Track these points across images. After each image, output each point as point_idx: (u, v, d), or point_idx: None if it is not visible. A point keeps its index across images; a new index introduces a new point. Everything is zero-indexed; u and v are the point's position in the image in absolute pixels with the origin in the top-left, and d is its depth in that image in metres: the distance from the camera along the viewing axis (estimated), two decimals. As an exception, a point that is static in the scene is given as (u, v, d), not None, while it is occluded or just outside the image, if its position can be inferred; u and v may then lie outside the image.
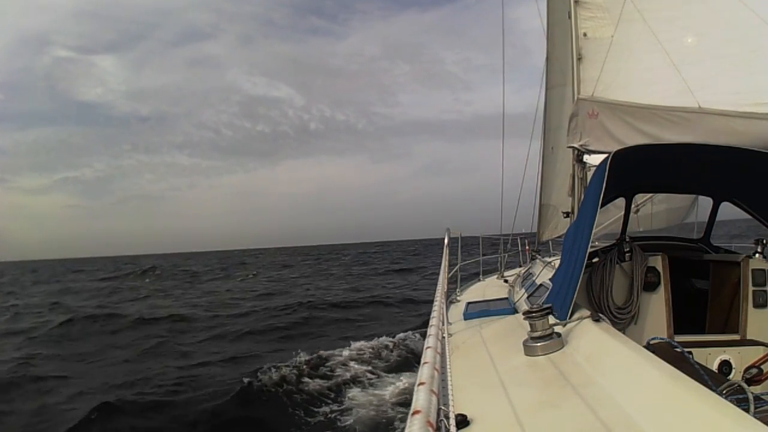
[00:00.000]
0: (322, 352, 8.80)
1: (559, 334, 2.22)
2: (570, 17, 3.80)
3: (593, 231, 2.56)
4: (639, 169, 3.31)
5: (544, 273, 4.21)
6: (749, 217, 3.47)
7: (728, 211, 3.69)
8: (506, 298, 4.44)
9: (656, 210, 6.63)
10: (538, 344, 2.17)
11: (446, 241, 4.64)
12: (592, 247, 2.82)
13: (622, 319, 3.09)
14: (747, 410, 1.54)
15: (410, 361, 8.20)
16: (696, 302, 3.56)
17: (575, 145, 3.55)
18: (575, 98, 3.64)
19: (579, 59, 3.71)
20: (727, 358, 2.96)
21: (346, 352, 8.95)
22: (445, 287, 3.60)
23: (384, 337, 9.89)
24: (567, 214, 4.25)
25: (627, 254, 3.21)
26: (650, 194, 6.00)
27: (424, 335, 1.98)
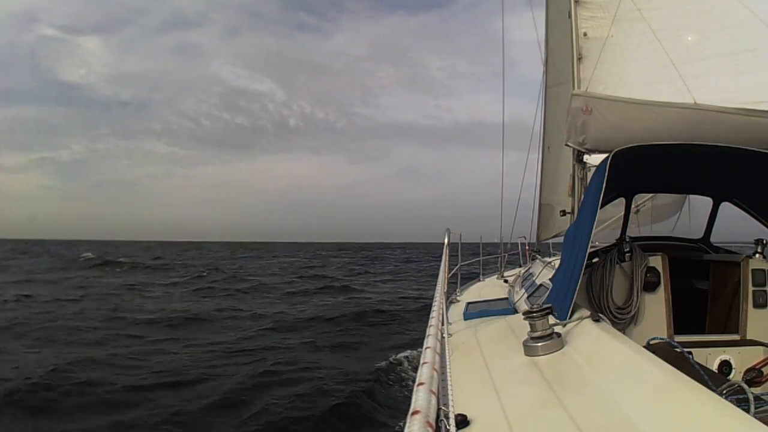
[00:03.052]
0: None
1: (559, 334, 2.21)
2: (570, 17, 3.80)
3: (593, 231, 2.56)
4: (639, 169, 3.30)
5: (544, 273, 4.21)
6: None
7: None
8: (506, 298, 4.44)
9: (647, 208, 6.63)
10: (538, 344, 2.16)
11: (446, 241, 4.65)
12: (592, 247, 2.82)
13: (622, 319, 3.09)
14: (747, 410, 1.54)
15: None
16: (696, 302, 3.56)
17: (571, 144, 3.53)
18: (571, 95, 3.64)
19: (579, 59, 3.71)
20: (727, 359, 2.96)
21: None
22: (445, 287, 3.60)
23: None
24: (565, 212, 4.25)
25: (627, 254, 3.21)
26: (650, 194, 6.01)
27: (424, 335, 1.98)
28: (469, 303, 4.37)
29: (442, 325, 2.64)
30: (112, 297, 16.60)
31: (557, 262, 3.75)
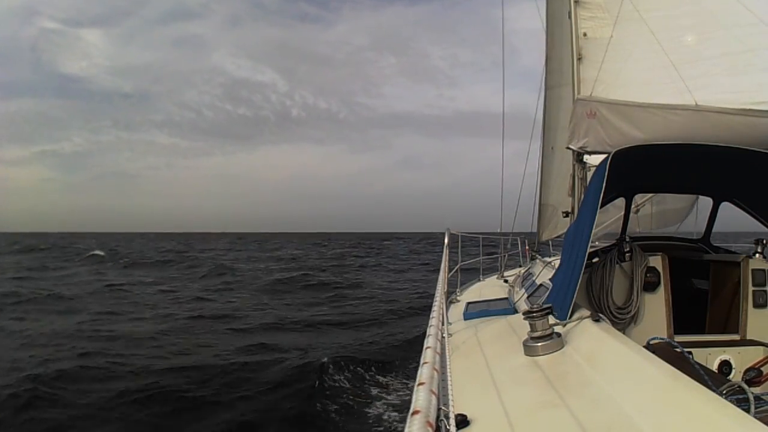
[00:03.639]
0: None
1: (559, 334, 2.22)
2: (570, 17, 3.80)
3: (593, 231, 2.57)
4: (639, 169, 3.31)
5: (544, 273, 4.21)
6: None
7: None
8: (506, 298, 4.44)
9: (656, 210, 6.62)
10: (538, 344, 2.17)
11: (446, 240, 4.66)
12: (592, 247, 2.83)
13: (622, 319, 3.09)
14: (747, 410, 1.54)
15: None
16: (696, 302, 3.57)
17: (574, 147, 3.53)
18: (575, 99, 3.63)
19: (579, 59, 3.70)
20: (727, 358, 2.97)
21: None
22: (445, 287, 3.60)
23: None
24: (567, 214, 4.26)
25: (627, 254, 3.21)
26: (650, 194, 6.01)
27: (424, 335, 1.98)
28: (469, 303, 4.37)
29: (442, 325, 2.65)
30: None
31: (557, 262, 3.75)
